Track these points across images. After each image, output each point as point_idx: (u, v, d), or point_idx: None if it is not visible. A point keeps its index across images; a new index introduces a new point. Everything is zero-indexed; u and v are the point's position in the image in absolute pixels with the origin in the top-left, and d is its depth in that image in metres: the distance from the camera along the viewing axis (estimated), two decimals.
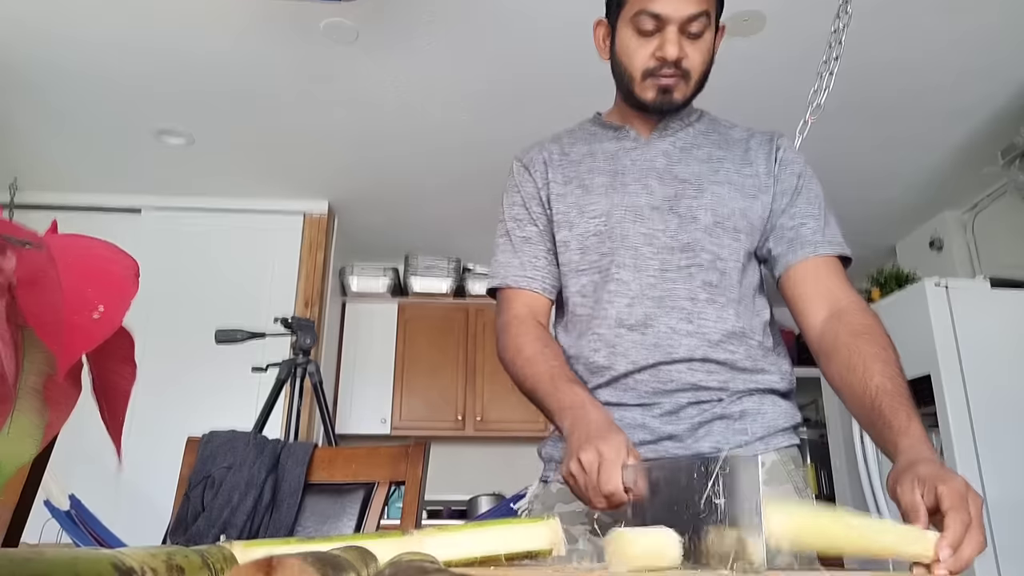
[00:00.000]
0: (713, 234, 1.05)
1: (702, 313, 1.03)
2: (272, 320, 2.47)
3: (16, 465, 0.45)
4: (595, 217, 1.09)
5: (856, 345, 0.93)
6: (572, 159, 1.17)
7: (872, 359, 0.91)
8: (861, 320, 0.97)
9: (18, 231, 0.46)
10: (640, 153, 1.13)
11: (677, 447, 1.01)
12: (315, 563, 0.29)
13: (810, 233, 1.07)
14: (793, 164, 1.12)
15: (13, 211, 3.43)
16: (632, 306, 1.04)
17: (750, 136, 1.16)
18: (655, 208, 1.07)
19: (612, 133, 1.17)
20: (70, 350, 0.41)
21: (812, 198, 1.10)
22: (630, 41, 1.07)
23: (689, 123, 1.15)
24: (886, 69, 2.67)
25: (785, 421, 1.06)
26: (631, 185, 1.10)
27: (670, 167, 1.10)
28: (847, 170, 3.45)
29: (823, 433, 4.81)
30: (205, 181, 3.58)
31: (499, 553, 0.63)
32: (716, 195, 1.07)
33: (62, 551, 0.25)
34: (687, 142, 1.13)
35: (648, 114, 1.12)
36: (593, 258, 1.09)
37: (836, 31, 2.01)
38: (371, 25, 2.46)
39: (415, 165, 3.40)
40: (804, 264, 1.05)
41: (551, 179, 1.15)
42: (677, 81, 1.06)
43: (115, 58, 2.62)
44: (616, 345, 1.04)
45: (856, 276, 4.55)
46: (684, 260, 1.05)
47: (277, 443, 1.44)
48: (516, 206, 1.18)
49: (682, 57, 1.04)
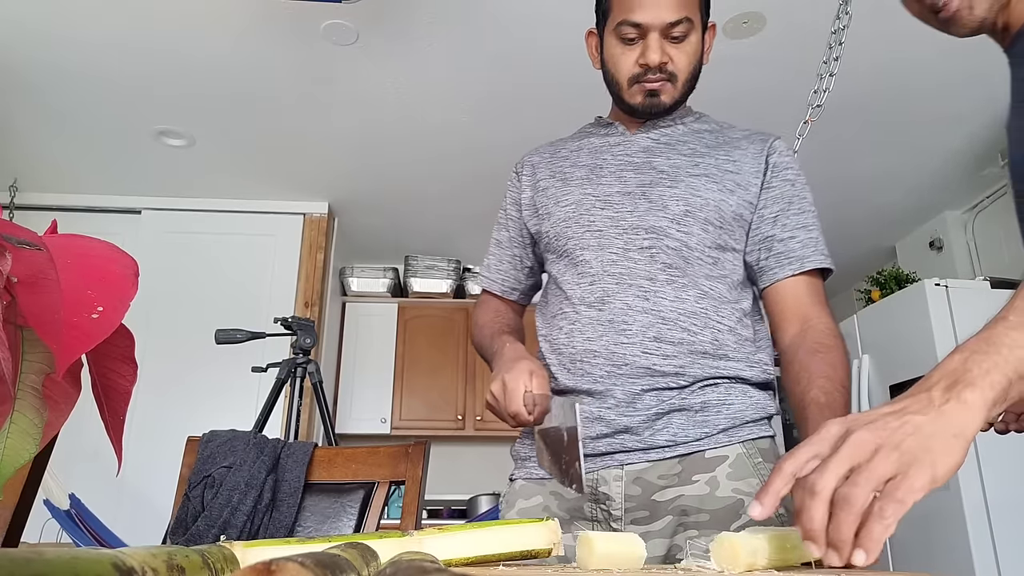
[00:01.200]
0: (683, 223, 1.07)
1: (659, 292, 1.04)
2: (272, 320, 2.47)
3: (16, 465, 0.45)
4: (567, 206, 1.14)
5: (808, 362, 0.99)
6: (560, 155, 1.22)
7: (817, 375, 0.96)
8: (822, 341, 1.01)
9: (18, 231, 0.46)
10: (622, 148, 1.16)
11: (634, 440, 1.01)
12: (315, 566, 0.29)
13: (799, 247, 1.08)
14: (787, 171, 1.12)
15: (13, 212, 3.43)
16: (593, 284, 1.08)
17: (745, 136, 1.17)
18: (627, 194, 1.10)
19: (602, 130, 1.21)
20: (69, 350, 0.41)
21: (805, 207, 1.11)
22: (615, 49, 1.11)
23: (681, 121, 1.17)
24: (886, 70, 2.68)
25: (754, 413, 1.04)
26: (606, 177, 1.14)
27: (649, 160, 1.13)
28: (847, 171, 3.45)
29: None
30: (205, 182, 3.58)
31: (499, 553, 0.63)
32: (691, 186, 1.08)
33: (62, 551, 0.25)
34: (673, 138, 1.16)
35: (638, 116, 1.16)
36: (563, 244, 1.13)
37: (836, 32, 2.01)
38: (371, 27, 2.46)
39: (415, 166, 3.40)
40: (788, 281, 1.07)
41: (538, 178, 1.21)
42: (663, 84, 1.09)
43: (115, 59, 2.62)
44: (576, 322, 1.07)
45: (856, 276, 4.56)
46: (647, 242, 1.07)
47: (277, 443, 1.44)
48: (501, 211, 1.30)
49: (666, 61, 1.08)
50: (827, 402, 0.92)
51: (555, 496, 1.06)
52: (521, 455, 1.14)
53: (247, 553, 0.55)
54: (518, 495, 1.10)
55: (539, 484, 1.08)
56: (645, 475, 1.01)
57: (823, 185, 3.58)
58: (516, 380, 0.96)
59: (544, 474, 1.05)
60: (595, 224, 1.10)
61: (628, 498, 1.01)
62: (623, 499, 1.01)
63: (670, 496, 0.99)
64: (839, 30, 2.00)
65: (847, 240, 4.22)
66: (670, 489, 1.00)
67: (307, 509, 1.38)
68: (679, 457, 1.00)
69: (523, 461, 1.12)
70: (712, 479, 0.99)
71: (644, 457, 1.01)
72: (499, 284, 1.28)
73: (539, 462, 1.00)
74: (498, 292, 1.28)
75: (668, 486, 1.00)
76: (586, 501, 1.03)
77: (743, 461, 1.00)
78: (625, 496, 1.01)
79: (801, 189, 1.12)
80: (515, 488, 1.12)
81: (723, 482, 0.98)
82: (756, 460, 1.01)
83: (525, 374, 0.96)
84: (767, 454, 1.03)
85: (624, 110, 1.15)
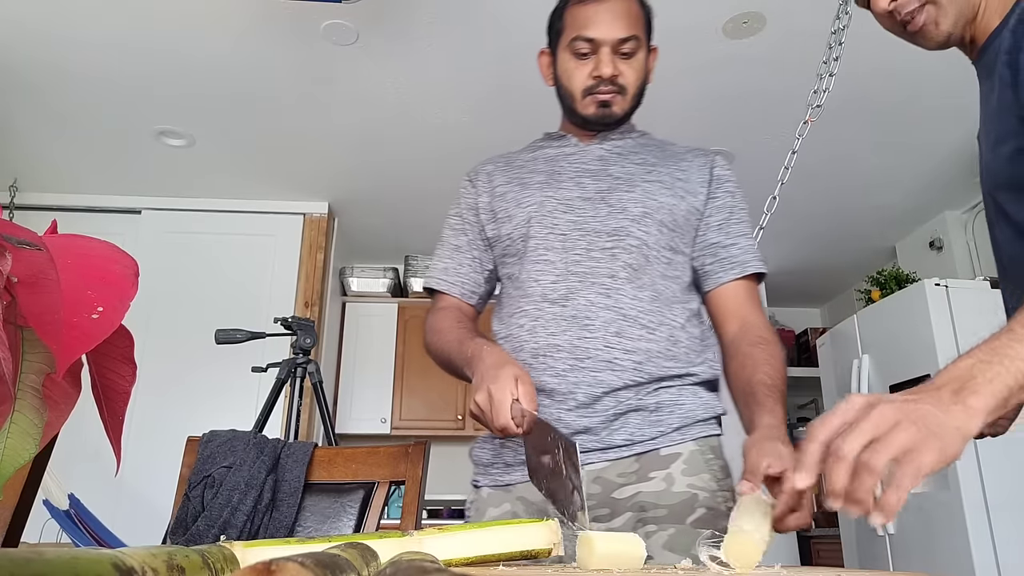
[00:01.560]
0: (642, 224, 1.13)
1: (620, 290, 1.10)
2: (272, 320, 2.47)
3: (16, 465, 0.45)
4: (529, 207, 1.17)
5: (751, 352, 1.07)
6: (516, 164, 1.27)
7: (761, 363, 1.04)
8: (761, 335, 1.10)
9: (18, 231, 0.46)
10: (578, 157, 1.22)
11: (593, 440, 1.05)
12: (315, 566, 0.29)
13: (741, 253, 1.17)
14: (728, 183, 1.21)
15: (13, 212, 3.43)
16: (557, 282, 1.12)
17: (689, 151, 1.25)
18: (587, 200, 1.16)
19: (555, 142, 1.27)
20: (69, 350, 0.41)
21: (744, 217, 1.20)
22: (569, 64, 1.18)
23: (629, 136, 1.25)
24: (886, 70, 2.68)
25: (704, 412, 1.10)
26: (565, 182, 1.19)
27: (605, 167, 1.20)
28: (847, 171, 3.45)
29: None
30: (205, 182, 3.58)
31: (499, 553, 0.63)
32: (646, 191, 1.16)
33: (62, 551, 0.25)
34: (625, 149, 1.23)
35: (591, 128, 1.22)
36: (526, 244, 1.16)
37: (836, 32, 2.01)
38: (371, 27, 2.46)
39: (415, 166, 3.40)
40: (731, 284, 1.16)
41: (495, 184, 1.24)
42: (615, 96, 1.17)
43: (115, 59, 2.62)
44: (539, 318, 1.11)
45: (856, 276, 4.56)
46: (610, 243, 1.12)
47: (277, 443, 1.44)
48: (455, 216, 1.30)
49: (617, 74, 1.16)
50: (772, 384, 1.00)
51: (522, 501, 1.09)
52: (483, 460, 1.16)
53: (247, 553, 0.55)
54: (487, 503, 1.12)
55: (506, 491, 1.11)
56: (604, 474, 1.05)
57: (823, 185, 3.59)
58: (503, 391, 0.93)
59: (510, 480, 1.10)
60: (558, 227, 1.14)
61: (589, 496, 1.04)
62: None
63: (629, 493, 1.04)
64: (839, 30, 2.00)
65: (847, 240, 4.22)
66: (628, 487, 1.05)
67: (307, 509, 1.38)
68: (636, 456, 1.06)
69: (486, 467, 1.15)
70: (668, 475, 1.04)
71: (603, 457, 1.05)
72: (459, 287, 1.25)
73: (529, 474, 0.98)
74: (458, 295, 1.25)
75: (626, 484, 1.05)
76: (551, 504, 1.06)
77: (696, 458, 1.06)
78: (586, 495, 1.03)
79: (740, 200, 1.21)
80: (483, 496, 1.14)
81: (678, 478, 1.04)
82: (708, 456, 1.07)
83: (511, 382, 0.94)
84: (717, 451, 1.09)
85: (577, 122, 1.22)
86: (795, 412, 5.42)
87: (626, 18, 1.15)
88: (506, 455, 1.12)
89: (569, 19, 1.18)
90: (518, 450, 1.09)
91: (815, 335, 4.88)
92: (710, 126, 3.08)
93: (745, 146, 3.24)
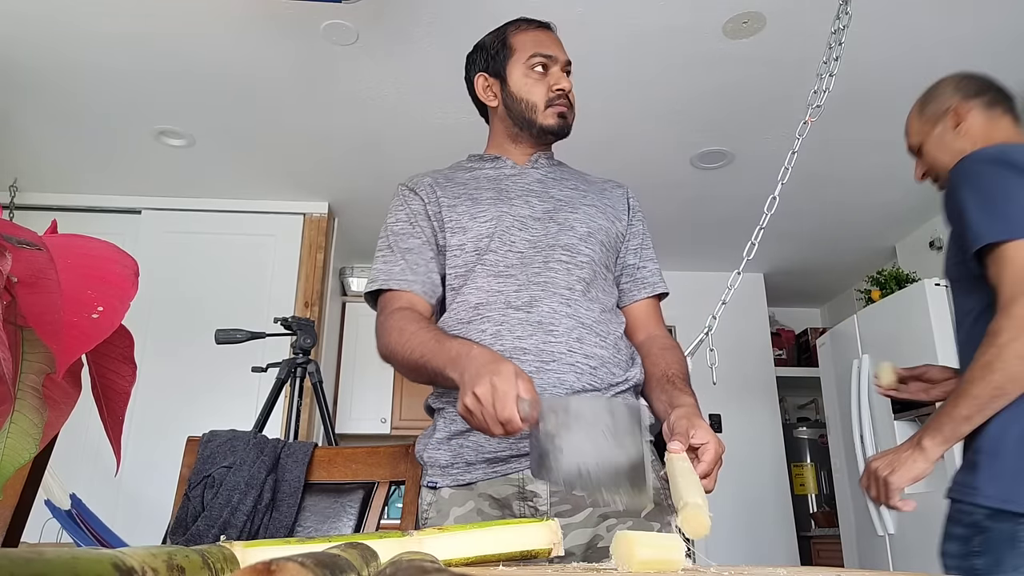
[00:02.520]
0: (588, 242, 1.24)
1: (577, 301, 1.19)
2: (272, 320, 2.47)
3: (16, 465, 0.45)
4: (486, 221, 1.23)
5: (662, 354, 1.23)
6: (457, 182, 1.31)
7: (672, 362, 1.20)
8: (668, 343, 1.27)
9: (18, 231, 0.46)
10: (519, 178, 1.31)
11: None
12: (315, 566, 0.29)
13: (650, 275, 1.34)
14: (640, 212, 1.37)
15: (13, 212, 3.43)
16: (520, 291, 1.18)
17: (605, 181, 1.39)
18: (537, 219, 1.24)
19: (490, 163, 1.34)
20: (69, 350, 0.41)
21: (650, 243, 1.37)
22: (527, 80, 1.29)
23: (554, 163, 1.37)
24: (886, 70, 2.67)
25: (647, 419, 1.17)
26: (515, 199, 1.26)
27: (546, 189, 1.29)
28: (847, 171, 3.45)
29: (823, 433, 4.81)
30: (205, 182, 3.58)
31: (499, 553, 0.63)
32: (587, 212, 1.27)
33: (62, 551, 0.25)
34: (558, 175, 1.34)
35: (545, 139, 1.31)
36: (483, 256, 1.21)
37: (836, 32, 2.01)
38: (371, 26, 2.46)
39: (415, 166, 3.39)
40: (642, 302, 1.32)
41: (440, 196, 1.28)
42: (569, 110, 1.30)
43: (116, 59, 2.62)
44: (503, 323, 1.16)
45: (856, 276, 4.57)
46: (564, 257, 1.21)
47: (277, 443, 1.44)
48: (400, 222, 1.28)
49: (570, 89, 1.30)
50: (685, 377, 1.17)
51: (485, 498, 1.12)
52: (440, 462, 1.16)
53: (247, 553, 0.55)
54: (449, 503, 1.14)
55: (468, 490, 1.14)
56: None
57: (823, 185, 3.59)
58: (507, 383, 0.90)
59: (473, 478, 1.12)
60: (516, 245, 1.21)
61: (552, 493, 1.10)
62: (548, 495, 1.10)
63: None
64: (839, 30, 2.00)
65: (847, 240, 4.22)
66: None
67: (307, 509, 1.38)
68: None
69: (444, 468, 1.16)
70: None
71: None
72: (420, 285, 1.21)
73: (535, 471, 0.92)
74: (420, 293, 1.20)
75: None
76: (515, 500, 1.11)
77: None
78: (550, 492, 1.10)
79: (646, 228, 1.38)
80: (443, 497, 1.15)
81: None
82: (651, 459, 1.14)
83: (514, 376, 0.91)
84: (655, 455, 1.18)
85: (535, 133, 1.30)
86: (795, 412, 5.41)
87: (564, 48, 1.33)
88: (466, 454, 1.14)
89: (519, 43, 1.31)
90: (478, 448, 1.12)
91: (815, 335, 4.88)
92: (710, 126, 3.08)
93: (745, 146, 3.24)
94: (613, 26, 2.42)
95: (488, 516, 1.11)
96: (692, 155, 3.32)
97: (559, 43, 1.33)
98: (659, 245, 1.44)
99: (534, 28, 1.34)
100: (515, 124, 1.31)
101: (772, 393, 4.51)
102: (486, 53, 1.37)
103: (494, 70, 1.34)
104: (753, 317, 4.53)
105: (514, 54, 1.31)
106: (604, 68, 2.65)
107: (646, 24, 2.41)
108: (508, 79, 1.31)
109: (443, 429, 1.18)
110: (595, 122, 3.05)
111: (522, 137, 1.32)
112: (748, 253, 2.12)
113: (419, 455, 1.22)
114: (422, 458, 1.20)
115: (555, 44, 1.32)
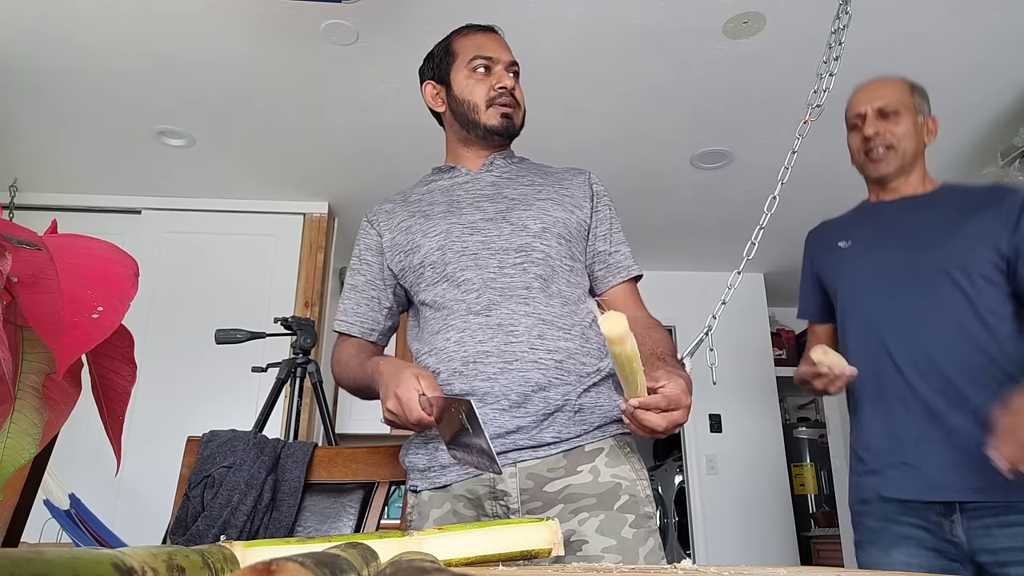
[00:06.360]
0: (543, 238, 1.24)
1: (536, 299, 1.21)
2: (272, 320, 2.47)
3: (16, 465, 0.45)
4: (436, 235, 1.26)
5: (648, 333, 1.23)
6: (412, 200, 1.36)
7: (658, 341, 1.21)
8: (648, 322, 1.28)
9: (18, 231, 0.46)
10: (472, 184, 1.33)
11: (525, 439, 1.14)
12: (315, 566, 0.29)
13: (623, 259, 1.33)
14: (605, 197, 1.36)
15: (13, 212, 3.43)
16: (479, 296, 1.21)
17: (566, 170, 1.38)
18: (489, 220, 1.26)
19: (446, 174, 1.37)
20: (69, 350, 0.41)
21: (619, 227, 1.36)
22: (468, 82, 1.32)
23: (512, 162, 1.37)
24: (886, 70, 2.67)
25: (617, 412, 1.20)
26: (466, 208, 1.28)
27: (499, 191, 1.31)
28: (847, 171, 3.44)
29: (823, 433, 4.82)
30: (205, 182, 3.58)
31: (499, 553, 0.63)
32: (542, 208, 1.27)
33: (62, 551, 0.25)
34: (513, 174, 1.34)
35: (492, 140, 1.32)
36: (440, 269, 1.24)
37: (836, 32, 2.01)
38: (371, 27, 2.46)
39: (415, 166, 3.39)
40: (618, 287, 1.33)
41: (396, 220, 1.32)
42: (514, 110, 1.32)
43: (116, 59, 2.62)
44: (465, 329, 1.19)
45: None
46: (519, 258, 1.23)
47: (277, 443, 1.44)
48: (355, 257, 1.38)
49: (514, 87, 1.32)
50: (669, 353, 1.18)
51: (460, 499, 1.17)
52: (419, 466, 1.21)
53: (247, 553, 0.55)
54: (429, 506, 1.19)
55: (444, 492, 1.18)
56: (536, 470, 1.14)
57: (824, 185, 3.59)
58: (408, 390, 1.03)
59: (447, 480, 1.18)
60: (468, 249, 1.23)
61: (523, 491, 1.14)
62: (519, 493, 1.14)
63: (559, 487, 1.14)
64: (839, 30, 2.00)
65: None
66: (558, 480, 1.14)
67: (307, 509, 1.38)
68: (563, 452, 1.16)
69: (423, 472, 1.20)
70: (594, 468, 1.16)
71: (534, 454, 1.14)
72: (358, 327, 1.34)
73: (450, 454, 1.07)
74: (357, 334, 1.34)
75: (556, 478, 1.14)
76: (487, 499, 1.14)
77: (616, 452, 1.19)
78: (520, 490, 1.14)
79: (614, 212, 1.36)
80: (423, 499, 1.20)
81: (603, 470, 1.16)
82: (626, 451, 1.20)
83: (412, 380, 1.04)
84: (632, 446, 1.22)
85: (479, 135, 1.32)
86: (795, 412, 5.42)
87: (509, 49, 1.35)
88: (440, 457, 1.17)
89: (460, 47, 1.34)
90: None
91: None
92: (710, 126, 3.08)
93: (745, 146, 3.24)
94: (613, 26, 2.42)
95: (463, 516, 1.15)
96: (692, 155, 3.32)
97: (503, 44, 1.36)
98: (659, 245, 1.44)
99: (475, 32, 1.37)
100: (462, 127, 1.34)
101: (772, 393, 4.52)
102: (432, 61, 1.40)
103: (439, 76, 1.37)
104: (753, 317, 4.53)
105: (456, 59, 1.34)
106: (604, 68, 2.65)
107: (646, 24, 2.41)
108: (452, 83, 1.34)
109: (419, 434, 1.22)
110: (595, 122, 3.05)
111: (472, 141, 1.34)
112: (748, 253, 2.12)
113: (401, 460, 1.26)
114: (404, 463, 1.25)
115: (498, 45, 1.34)
